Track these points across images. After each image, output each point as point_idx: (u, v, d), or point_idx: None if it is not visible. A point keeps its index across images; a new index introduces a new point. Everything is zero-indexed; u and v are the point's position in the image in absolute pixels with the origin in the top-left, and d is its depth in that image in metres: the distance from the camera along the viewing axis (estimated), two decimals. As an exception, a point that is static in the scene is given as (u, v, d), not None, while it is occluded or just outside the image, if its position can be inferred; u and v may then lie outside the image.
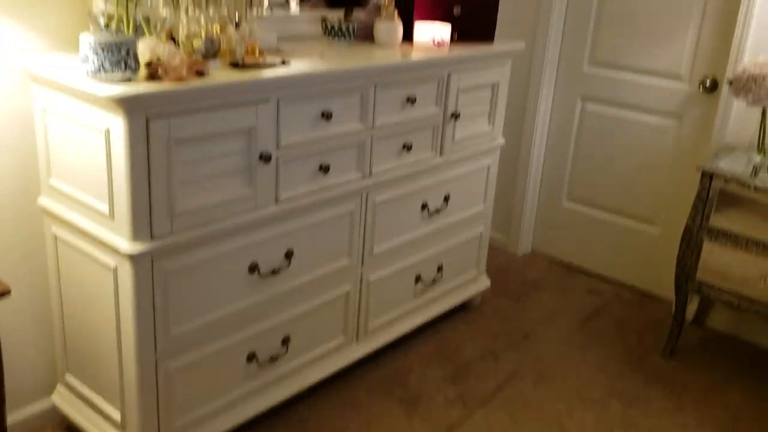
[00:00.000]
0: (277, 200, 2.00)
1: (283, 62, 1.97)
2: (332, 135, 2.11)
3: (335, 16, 2.49)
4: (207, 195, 1.81)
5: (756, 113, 2.68)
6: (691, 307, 3.06)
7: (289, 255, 2.09)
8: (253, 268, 1.99)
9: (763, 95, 2.51)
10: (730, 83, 2.62)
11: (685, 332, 2.93)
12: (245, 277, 1.99)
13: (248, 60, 1.91)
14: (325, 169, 2.11)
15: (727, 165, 2.63)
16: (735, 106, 2.80)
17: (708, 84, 2.94)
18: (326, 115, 2.06)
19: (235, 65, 1.87)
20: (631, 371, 2.72)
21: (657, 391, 2.61)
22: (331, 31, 2.39)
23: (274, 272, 2.06)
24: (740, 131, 2.82)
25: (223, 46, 1.90)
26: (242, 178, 1.89)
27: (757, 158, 2.67)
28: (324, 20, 2.43)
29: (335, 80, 2.06)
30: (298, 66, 1.99)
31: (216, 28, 1.90)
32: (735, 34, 2.76)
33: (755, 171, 2.60)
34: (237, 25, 1.97)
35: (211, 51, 1.84)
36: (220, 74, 1.80)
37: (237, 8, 1.98)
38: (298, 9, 2.51)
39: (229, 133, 1.81)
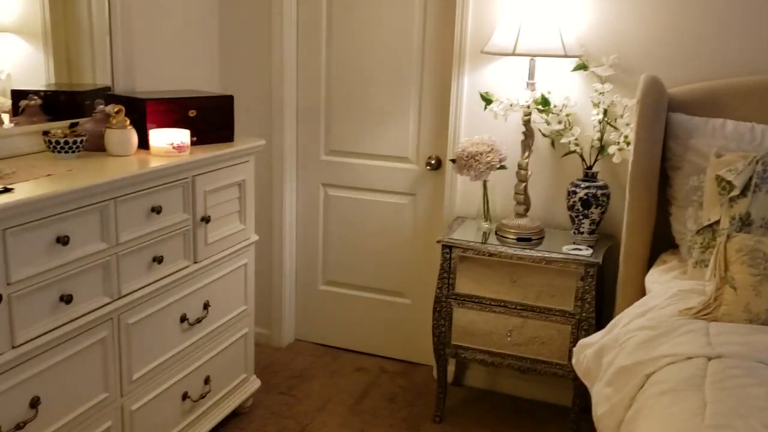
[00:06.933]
0: (13, 345, 1.75)
1: (6, 189, 1.75)
2: (72, 260, 1.92)
3: (58, 128, 2.29)
4: None
5: (478, 185, 2.98)
6: (450, 368, 3.24)
7: (35, 403, 1.82)
8: (-8, 429, 1.71)
9: (483, 170, 2.80)
10: (453, 161, 2.90)
11: (448, 394, 3.08)
12: (-18, 442, 1.69)
13: (-39, 191, 1.67)
14: (67, 299, 1.90)
15: (461, 235, 2.88)
16: (459, 180, 3.09)
17: (434, 163, 3.21)
18: (63, 240, 1.87)
19: (-55, 199, 1.62)
20: (409, 445, 2.79)
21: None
22: (55, 146, 2.19)
23: (18, 428, 1.78)
24: (468, 202, 3.12)
25: (-73, 178, 1.64)
26: (-33, 328, 1.62)
27: (485, 225, 2.97)
28: (46, 134, 2.22)
29: (69, 201, 1.88)
30: (23, 190, 1.78)
31: None
32: (450, 118, 3.07)
33: (485, 237, 2.87)
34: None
35: None
36: (-74, 212, 1.54)
37: (-61, 132, 1.73)
38: (11, 124, 2.28)
39: (-54, 278, 1.56)
